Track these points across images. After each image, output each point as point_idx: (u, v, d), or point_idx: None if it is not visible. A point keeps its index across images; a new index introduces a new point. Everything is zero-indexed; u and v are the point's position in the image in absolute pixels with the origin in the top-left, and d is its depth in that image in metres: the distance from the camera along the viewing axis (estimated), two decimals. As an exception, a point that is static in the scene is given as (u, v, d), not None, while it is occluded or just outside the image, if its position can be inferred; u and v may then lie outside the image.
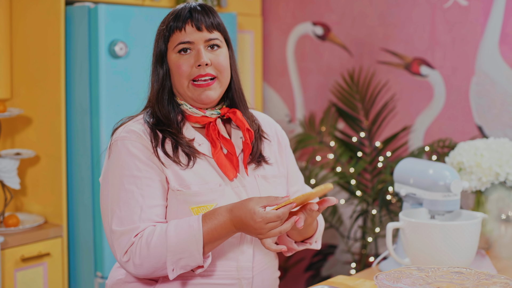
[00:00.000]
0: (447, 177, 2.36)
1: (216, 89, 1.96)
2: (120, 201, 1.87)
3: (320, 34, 3.94)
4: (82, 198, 3.12)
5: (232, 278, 1.97)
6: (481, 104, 3.41)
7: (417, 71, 3.61)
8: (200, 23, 1.93)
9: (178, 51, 1.95)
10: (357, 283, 2.18)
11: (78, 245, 3.15)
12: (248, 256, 1.99)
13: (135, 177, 1.88)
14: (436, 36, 3.53)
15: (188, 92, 1.96)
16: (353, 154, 3.71)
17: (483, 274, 1.81)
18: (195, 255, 1.82)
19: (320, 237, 2.15)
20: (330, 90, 3.89)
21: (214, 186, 1.93)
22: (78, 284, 3.17)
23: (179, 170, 1.92)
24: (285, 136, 2.19)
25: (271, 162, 2.07)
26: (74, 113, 3.10)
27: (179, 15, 1.95)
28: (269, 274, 2.07)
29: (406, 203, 2.56)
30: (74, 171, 3.13)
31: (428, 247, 2.25)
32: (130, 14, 3.08)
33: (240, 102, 2.04)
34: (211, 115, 1.99)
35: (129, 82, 3.10)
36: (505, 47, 3.32)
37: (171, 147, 1.94)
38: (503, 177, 2.65)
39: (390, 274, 1.81)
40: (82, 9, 3.03)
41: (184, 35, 1.93)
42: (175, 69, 1.96)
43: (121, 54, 3.02)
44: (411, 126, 3.64)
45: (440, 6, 3.50)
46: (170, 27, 1.95)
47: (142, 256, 1.83)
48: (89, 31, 3.02)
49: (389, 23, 3.68)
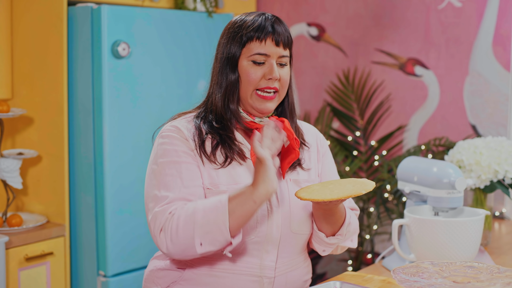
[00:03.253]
0: (451, 175, 2.42)
1: (275, 101, 2.04)
2: (160, 184, 1.94)
3: (315, 35, 3.99)
4: (84, 197, 3.14)
5: (254, 275, 2.02)
6: (475, 103, 3.48)
7: (411, 71, 3.67)
8: (279, 39, 2.00)
9: (252, 60, 2.01)
10: (366, 278, 2.22)
11: (81, 244, 3.18)
12: (272, 256, 2.04)
13: (174, 163, 1.96)
14: (431, 37, 3.59)
15: (250, 100, 2.02)
16: (349, 153, 3.76)
17: (495, 267, 1.87)
18: (221, 228, 1.85)
19: (355, 236, 2.19)
20: (325, 90, 3.94)
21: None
22: (81, 282, 3.20)
23: (213, 169, 1.98)
24: (325, 144, 2.25)
25: (307, 168, 2.13)
26: (77, 113, 3.12)
27: (262, 26, 2.00)
28: (295, 277, 2.12)
29: (409, 201, 2.61)
30: (77, 171, 3.15)
31: (434, 243, 2.30)
32: (133, 15, 3.11)
33: (290, 114, 2.12)
34: (260, 122, 2.06)
35: (132, 82, 3.12)
36: (498, 47, 3.39)
37: (211, 145, 2.00)
38: (501, 174, 2.72)
39: (406, 268, 1.86)
40: (85, 9, 3.05)
41: (263, 47, 1.99)
42: (245, 76, 2.01)
43: (124, 54, 3.05)
44: (406, 125, 3.70)
45: (435, 7, 3.56)
46: (251, 35, 2.00)
47: (172, 232, 1.88)
48: (91, 32, 3.04)
49: (383, 24, 3.74)
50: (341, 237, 2.10)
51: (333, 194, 1.86)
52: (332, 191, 1.88)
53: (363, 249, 3.71)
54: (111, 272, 3.11)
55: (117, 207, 3.10)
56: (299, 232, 2.08)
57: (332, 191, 1.88)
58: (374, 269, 2.55)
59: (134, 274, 3.19)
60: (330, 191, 1.89)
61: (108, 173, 3.07)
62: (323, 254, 2.17)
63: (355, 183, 1.91)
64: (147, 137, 3.18)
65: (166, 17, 3.25)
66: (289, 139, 2.05)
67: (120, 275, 3.15)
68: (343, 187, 1.90)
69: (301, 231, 2.09)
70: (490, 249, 2.78)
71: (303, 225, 2.08)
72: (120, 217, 3.12)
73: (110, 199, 3.08)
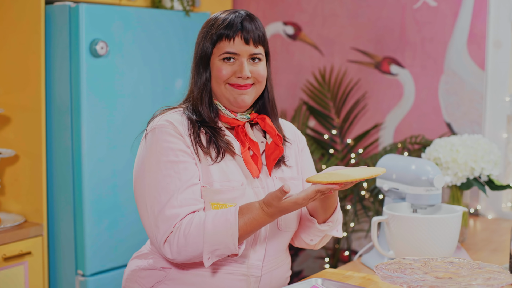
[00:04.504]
0: (429, 172, 2.45)
1: (251, 94, 2.05)
2: (159, 186, 1.94)
3: (291, 34, 4.01)
4: (62, 196, 3.13)
5: (241, 274, 2.04)
6: (450, 102, 3.52)
7: (387, 70, 3.70)
8: (249, 37, 2.01)
9: (222, 58, 2.02)
10: (347, 275, 2.25)
11: (59, 243, 3.16)
12: (259, 255, 2.06)
13: (172, 162, 1.96)
14: (406, 36, 3.63)
15: (225, 93, 2.04)
16: (325, 151, 3.79)
17: (475, 263, 1.90)
18: (230, 247, 1.90)
19: (340, 226, 2.22)
20: (301, 88, 3.96)
21: (236, 185, 2.01)
22: (59, 282, 3.18)
23: (207, 165, 2.00)
24: (303, 140, 2.28)
25: (290, 165, 2.16)
26: (54, 112, 3.11)
27: (231, 24, 2.01)
28: (279, 274, 2.14)
29: (388, 198, 2.64)
30: (54, 170, 3.14)
31: (413, 240, 2.33)
32: (110, 14, 3.10)
33: (271, 111, 2.14)
34: (242, 118, 2.08)
35: (110, 81, 3.12)
36: (473, 46, 3.44)
37: (206, 140, 2.02)
38: (478, 172, 2.76)
39: (388, 264, 1.88)
40: (63, 8, 3.04)
41: (232, 46, 2.01)
42: (215, 72, 2.03)
43: (102, 53, 3.04)
44: (381, 123, 3.73)
45: (410, 7, 3.60)
46: (220, 33, 2.02)
47: (180, 246, 1.91)
48: (69, 30, 3.03)
49: (359, 23, 3.77)
50: (332, 224, 2.13)
51: (353, 177, 1.84)
52: (348, 175, 1.85)
53: (339, 247, 3.74)
54: (90, 271, 3.10)
55: (95, 206, 3.10)
56: (285, 229, 2.10)
57: (348, 175, 1.85)
58: (353, 266, 2.57)
59: (113, 273, 3.18)
60: (346, 174, 1.86)
61: (86, 172, 3.06)
62: (311, 243, 2.19)
63: (365, 169, 1.90)
64: (125, 135, 3.18)
65: (144, 16, 3.25)
66: (271, 135, 2.07)
67: (98, 274, 3.14)
68: (356, 171, 1.88)
69: (288, 228, 2.11)
70: (466, 246, 2.82)
71: (290, 222, 2.11)
72: (98, 216, 3.11)
73: (88, 198, 3.07)
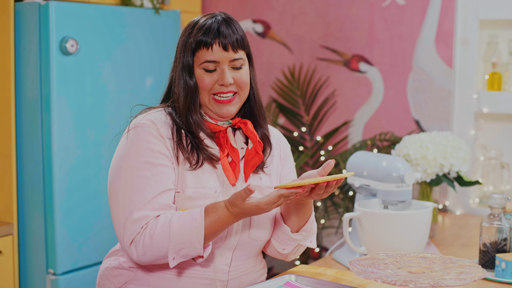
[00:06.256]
0: (400, 169, 2.48)
1: (236, 104, 2.03)
2: (134, 186, 1.92)
3: (260, 32, 4.02)
4: (33, 195, 3.11)
5: (207, 278, 2.03)
6: (418, 99, 3.56)
7: (356, 67, 3.73)
8: (226, 42, 1.97)
9: (203, 68, 1.99)
10: (319, 271, 2.27)
11: (30, 242, 3.14)
12: (226, 260, 2.04)
13: (150, 164, 1.93)
14: (375, 34, 3.66)
15: (209, 106, 2.02)
16: (295, 148, 3.81)
17: (447, 258, 1.93)
18: (196, 246, 1.88)
19: (314, 237, 2.19)
20: (271, 86, 3.98)
21: (209, 192, 1.98)
22: (30, 281, 3.17)
23: (184, 170, 1.98)
24: (287, 148, 2.26)
25: (269, 173, 2.13)
26: (25, 110, 3.09)
27: (208, 30, 1.97)
28: (249, 279, 2.13)
29: (359, 194, 2.67)
30: (25, 169, 3.12)
31: (384, 236, 2.36)
32: (80, 11, 3.09)
33: (259, 113, 2.11)
34: (223, 124, 2.06)
35: (80, 79, 3.10)
36: (440, 44, 3.48)
37: (187, 145, 1.99)
38: (447, 168, 2.80)
39: (362, 260, 1.90)
40: (32, 5, 3.02)
41: (210, 54, 1.97)
42: (199, 83, 2.00)
43: (72, 51, 3.03)
44: (351, 120, 3.76)
45: (378, 5, 3.64)
46: (198, 41, 1.98)
47: (145, 246, 1.89)
48: (39, 28, 3.01)
49: (328, 21, 3.79)
50: (305, 233, 2.12)
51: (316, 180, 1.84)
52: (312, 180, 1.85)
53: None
54: (61, 270, 3.09)
55: (66, 205, 3.08)
56: (257, 238, 2.09)
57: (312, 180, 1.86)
58: (325, 262, 2.59)
59: (84, 271, 3.17)
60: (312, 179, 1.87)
61: (57, 171, 3.05)
62: (283, 252, 2.16)
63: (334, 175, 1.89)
64: (96, 134, 3.16)
65: (114, 13, 3.24)
66: (252, 141, 2.06)
67: (69, 273, 3.13)
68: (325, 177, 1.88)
69: (260, 237, 2.10)
70: (436, 241, 2.86)
71: (262, 231, 2.09)
72: (69, 214, 3.10)
73: (59, 197, 3.06)
